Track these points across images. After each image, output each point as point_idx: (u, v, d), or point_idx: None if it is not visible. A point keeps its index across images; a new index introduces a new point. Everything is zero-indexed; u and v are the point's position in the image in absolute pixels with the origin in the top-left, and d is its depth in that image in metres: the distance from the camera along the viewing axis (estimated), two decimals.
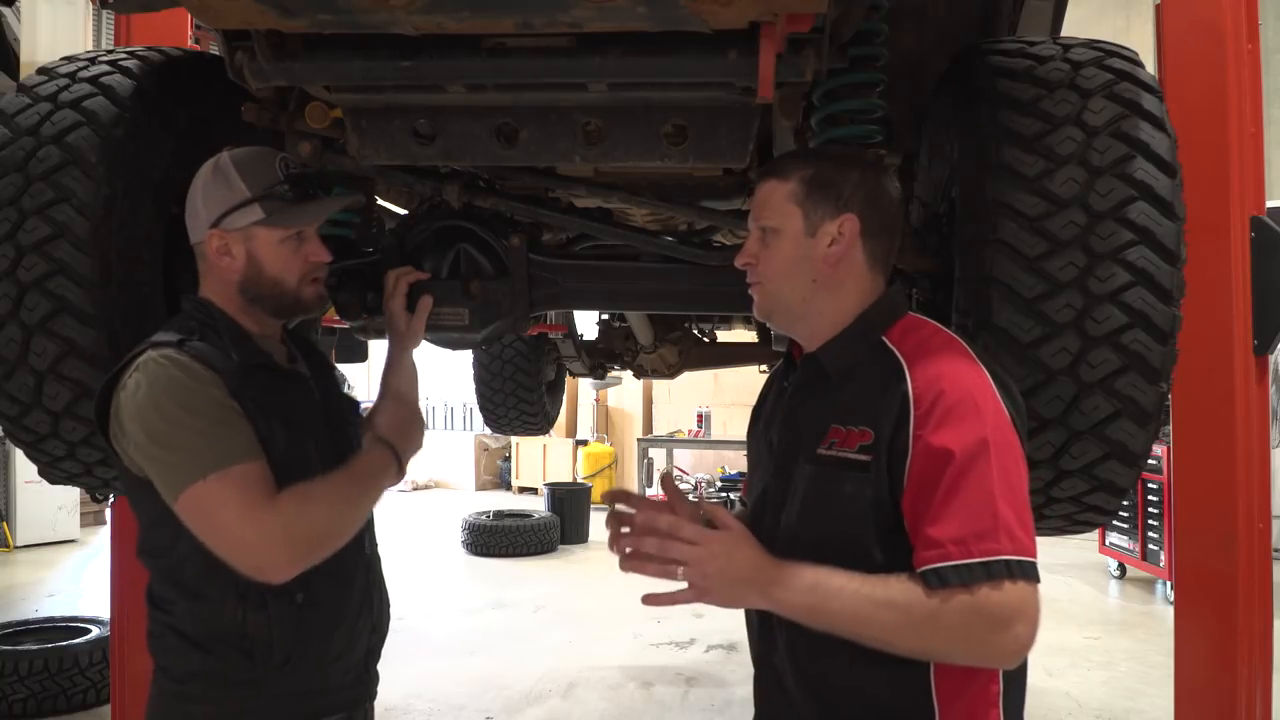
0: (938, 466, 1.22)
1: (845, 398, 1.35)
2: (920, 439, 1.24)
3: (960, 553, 1.18)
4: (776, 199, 1.41)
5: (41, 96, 1.77)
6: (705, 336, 4.48)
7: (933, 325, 1.40)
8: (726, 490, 8.22)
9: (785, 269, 1.41)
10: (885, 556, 1.27)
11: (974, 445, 1.21)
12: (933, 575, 1.19)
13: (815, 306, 1.41)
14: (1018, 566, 1.18)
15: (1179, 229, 1.57)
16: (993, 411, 1.25)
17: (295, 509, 1.43)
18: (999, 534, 1.19)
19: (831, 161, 1.42)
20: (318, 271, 1.64)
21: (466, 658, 5.43)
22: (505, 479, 13.03)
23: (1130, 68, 1.66)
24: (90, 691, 4.33)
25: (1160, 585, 6.72)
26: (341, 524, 1.52)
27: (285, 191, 1.57)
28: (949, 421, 1.23)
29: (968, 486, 1.20)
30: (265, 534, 1.41)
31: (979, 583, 1.17)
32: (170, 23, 2.86)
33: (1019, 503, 1.23)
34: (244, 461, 1.43)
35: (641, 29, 1.38)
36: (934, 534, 1.21)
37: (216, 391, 1.46)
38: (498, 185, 2.15)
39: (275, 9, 1.35)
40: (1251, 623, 2.61)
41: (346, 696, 1.64)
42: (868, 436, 1.29)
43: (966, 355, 1.32)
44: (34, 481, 7.21)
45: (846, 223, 1.37)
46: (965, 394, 1.25)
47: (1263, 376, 2.68)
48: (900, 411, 1.26)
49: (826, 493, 1.33)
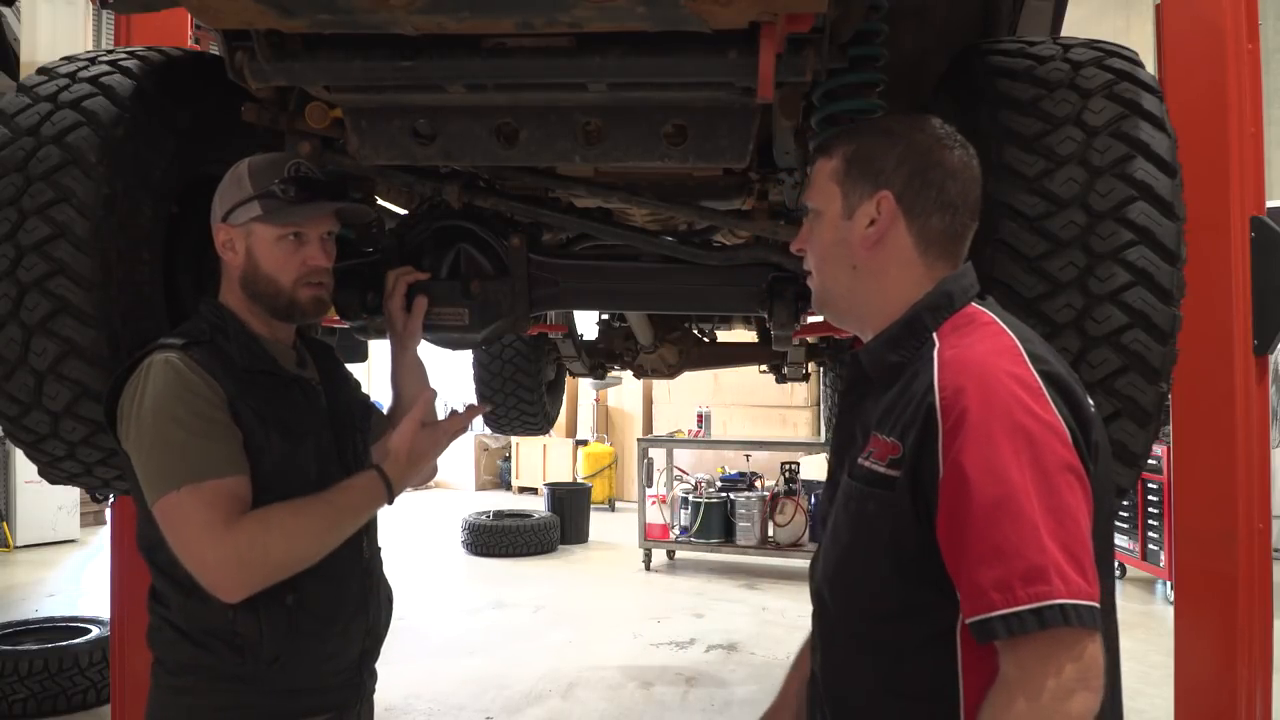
0: (968, 492, 1.05)
1: (886, 403, 1.20)
2: (949, 458, 1.08)
3: (1004, 600, 1.02)
4: (820, 178, 1.30)
5: (41, 96, 1.77)
6: (705, 336, 4.47)
7: (986, 317, 1.21)
8: (727, 490, 8.20)
9: (826, 255, 1.29)
10: (907, 585, 1.14)
11: (1011, 468, 1.04)
12: (978, 628, 1.04)
13: (860, 296, 1.28)
14: (1075, 612, 1.01)
15: (1179, 229, 1.57)
16: (1040, 426, 1.07)
17: (251, 537, 1.44)
18: (1049, 574, 1.01)
19: (877, 134, 1.28)
20: (315, 276, 1.64)
21: (466, 658, 5.43)
22: (505, 479, 13.03)
23: (1130, 68, 1.66)
24: (90, 691, 4.33)
25: (1160, 585, 6.72)
26: (301, 554, 1.50)
27: (283, 190, 1.59)
28: (980, 438, 1.06)
29: (1005, 518, 1.03)
30: (220, 558, 1.43)
31: (1031, 632, 1.01)
32: (170, 23, 2.86)
33: (1071, 535, 1.04)
34: (220, 477, 1.45)
35: (641, 29, 1.38)
36: (973, 577, 1.05)
37: (205, 403, 1.48)
38: (498, 185, 2.15)
39: (275, 9, 1.35)
40: (1251, 623, 2.60)
41: (338, 697, 1.65)
42: (897, 450, 1.14)
43: (1015, 357, 1.13)
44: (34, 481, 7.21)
45: (883, 201, 1.23)
46: (1001, 406, 1.07)
47: (1263, 376, 2.68)
48: (926, 424, 1.10)
49: (854, 510, 1.21)
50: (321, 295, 1.67)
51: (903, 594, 1.15)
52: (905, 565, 1.14)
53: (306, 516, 1.50)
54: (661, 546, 8.18)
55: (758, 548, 7.81)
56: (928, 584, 1.12)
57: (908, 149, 1.24)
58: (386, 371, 2.00)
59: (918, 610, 1.15)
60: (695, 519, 7.96)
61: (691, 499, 8.06)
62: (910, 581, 1.14)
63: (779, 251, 2.05)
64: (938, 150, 1.25)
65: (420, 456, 1.62)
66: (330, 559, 1.55)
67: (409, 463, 1.61)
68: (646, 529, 8.07)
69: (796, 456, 8.51)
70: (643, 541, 8.06)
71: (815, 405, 10.11)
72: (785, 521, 7.71)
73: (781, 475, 8.11)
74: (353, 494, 1.57)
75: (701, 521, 7.93)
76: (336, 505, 1.54)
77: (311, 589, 1.56)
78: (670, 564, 8.23)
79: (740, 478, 8.51)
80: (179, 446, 1.45)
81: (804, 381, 5.85)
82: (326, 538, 1.53)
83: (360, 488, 1.58)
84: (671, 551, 8.32)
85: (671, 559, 8.34)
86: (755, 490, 8.22)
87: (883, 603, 1.18)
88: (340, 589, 1.62)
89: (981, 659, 1.10)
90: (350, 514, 1.56)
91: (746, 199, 2.30)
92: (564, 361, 4.47)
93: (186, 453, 1.45)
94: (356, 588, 1.66)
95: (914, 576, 1.14)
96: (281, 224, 1.60)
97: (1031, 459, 1.05)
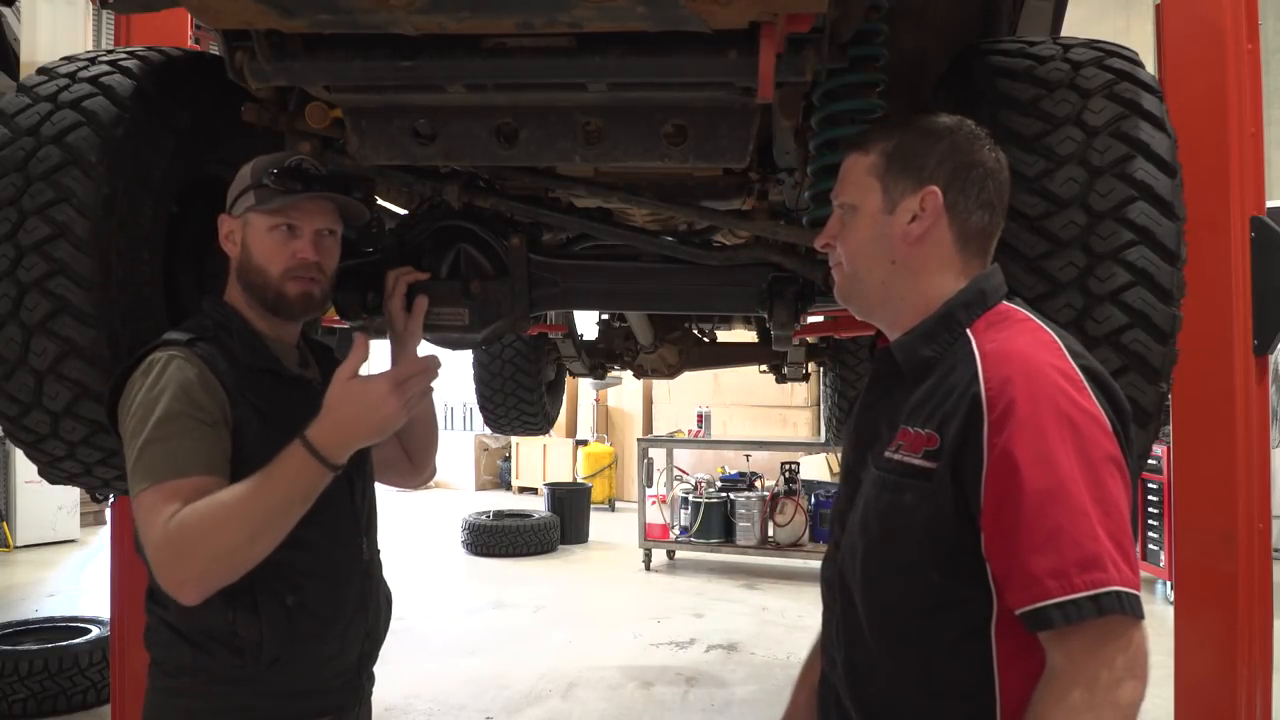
0: (1019, 481, 1.06)
1: (918, 397, 1.21)
2: (996, 447, 1.08)
3: (1061, 588, 1.03)
4: (856, 173, 1.30)
5: (41, 96, 1.77)
6: (705, 336, 4.47)
7: (1021, 314, 1.23)
8: (727, 490, 8.20)
9: (862, 249, 1.28)
10: (943, 578, 1.14)
11: (1060, 457, 1.05)
12: (1031, 617, 1.05)
13: (895, 291, 1.27)
14: (1128, 600, 1.02)
15: (1179, 229, 1.57)
16: (1085, 417, 1.08)
17: (183, 528, 1.38)
18: (1104, 562, 1.02)
19: (918, 131, 1.28)
20: (303, 270, 1.62)
21: (466, 658, 5.43)
22: (505, 479, 13.03)
23: (1130, 68, 1.66)
24: (90, 691, 4.33)
25: (1160, 585, 6.72)
26: (234, 540, 1.40)
27: (276, 180, 1.59)
28: (1030, 428, 1.07)
29: (1057, 506, 1.04)
30: (160, 552, 1.41)
31: (1088, 619, 1.02)
32: (170, 23, 2.86)
33: (1117, 526, 1.05)
34: (190, 475, 1.43)
35: (641, 29, 1.38)
36: (1026, 565, 1.05)
37: (197, 405, 1.47)
38: (498, 185, 2.15)
39: (275, 9, 1.35)
40: (1251, 623, 2.60)
41: (337, 699, 1.65)
42: (934, 441, 1.14)
43: (1056, 351, 1.14)
44: (34, 481, 7.22)
45: (929, 197, 1.23)
46: (1048, 397, 1.08)
47: (1263, 376, 2.68)
48: (970, 415, 1.11)
49: (886, 502, 1.20)
50: (311, 291, 1.63)
51: (937, 587, 1.15)
52: (941, 557, 1.14)
53: (225, 505, 1.40)
54: (661, 546, 8.18)
55: (758, 548, 7.82)
56: (963, 577, 1.12)
57: (950, 147, 1.26)
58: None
59: (952, 604, 1.15)
60: (695, 519, 7.96)
61: (691, 499, 8.06)
62: (946, 573, 1.14)
63: (779, 251, 2.05)
64: (979, 149, 1.27)
65: (348, 409, 1.44)
66: (330, 560, 1.55)
67: (334, 421, 1.44)
68: (646, 529, 8.07)
69: (796, 456, 8.52)
70: (643, 541, 8.06)
71: (815, 405, 10.11)
72: (785, 521, 7.71)
73: (781, 475, 8.12)
74: (279, 467, 1.42)
75: (701, 521, 7.94)
76: (255, 485, 1.41)
77: (312, 590, 1.56)
78: (670, 564, 8.24)
79: (740, 478, 8.52)
80: (161, 444, 1.44)
81: (804, 381, 5.85)
82: (250, 522, 1.39)
83: (284, 458, 1.43)
84: (671, 551, 8.32)
85: (671, 559, 8.34)
86: (755, 490, 8.23)
87: (916, 597, 1.17)
88: (340, 590, 1.62)
89: (1018, 654, 1.10)
90: (270, 489, 1.41)
91: (746, 199, 2.30)
92: (564, 361, 4.47)
93: (165, 451, 1.44)
94: (357, 589, 1.66)
95: (949, 569, 1.13)
96: (272, 212, 1.59)
97: (1078, 449, 1.06)
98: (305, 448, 1.43)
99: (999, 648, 1.12)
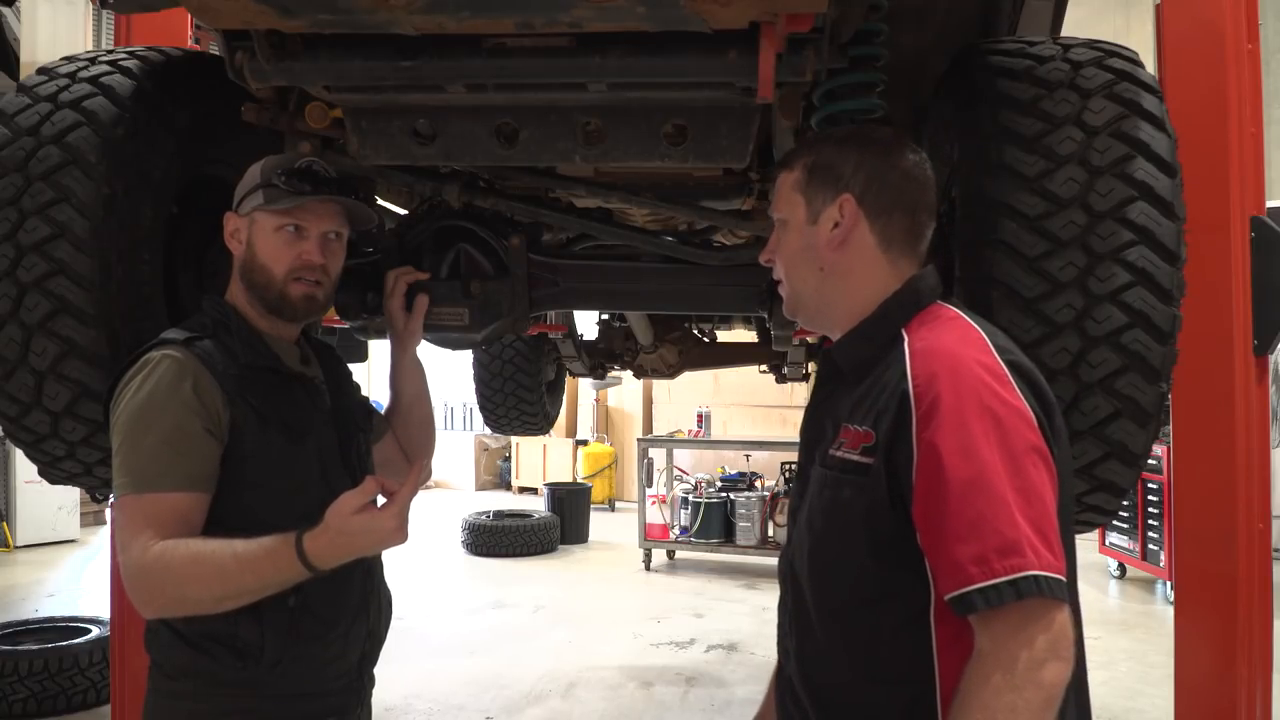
0: (942, 473, 1.10)
1: (857, 395, 1.26)
2: (924, 441, 1.13)
3: (982, 573, 1.06)
4: (784, 189, 1.36)
5: (41, 96, 1.77)
6: (705, 336, 4.48)
7: (952, 312, 1.28)
8: (727, 490, 8.20)
9: (794, 260, 1.35)
10: (883, 569, 1.18)
11: (983, 448, 1.10)
12: (957, 602, 1.09)
13: (829, 297, 1.33)
14: (1047, 583, 1.06)
15: (1179, 229, 1.57)
16: (1007, 410, 1.13)
17: (154, 566, 1.41)
18: (1023, 547, 1.06)
19: (834, 143, 1.35)
20: (308, 272, 1.62)
21: (466, 658, 5.43)
22: (505, 479, 13.03)
23: (1130, 68, 1.66)
24: (90, 691, 4.33)
25: (1160, 585, 6.72)
26: (194, 598, 1.42)
27: (286, 181, 1.59)
28: (953, 422, 1.11)
29: (979, 495, 1.08)
30: (131, 572, 1.44)
31: (1008, 603, 1.05)
32: (170, 23, 2.86)
33: (1038, 513, 1.10)
34: (170, 491, 1.44)
35: (641, 29, 1.38)
36: (951, 553, 1.09)
37: (188, 412, 1.47)
38: (498, 185, 2.15)
39: (275, 9, 1.35)
40: (1251, 623, 2.61)
41: (338, 701, 1.65)
42: (870, 438, 1.19)
43: (982, 346, 1.19)
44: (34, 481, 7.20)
45: (845, 204, 1.29)
46: (972, 391, 1.13)
47: (1263, 376, 2.68)
48: (900, 411, 1.16)
49: (828, 498, 1.25)
50: (315, 294, 1.64)
51: (878, 578, 1.19)
52: (880, 549, 1.18)
53: (205, 565, 1.41)
54: (661, 546, 8.18)
55: (758, 548, 7.82)
56: (902, 566, 1.17)
57: (864, 154, 1.31)
58: (386, 371, 1.99)
59: (893, 593, 1.19)
60: (695, 519, 7.97)
61: (691, 499, 8.06)
62: (886, 564, 1.18)
63: None
64: (895, 153, 1.32)
65: (350, 537, 1.42)
66: None
67: (334, 539, 1.42)
68: (646, 529, 8.07)
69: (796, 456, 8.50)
70: (643, 541, 8.06)
71: None
72: (785, 522, 7.70)
73: (781, 475, 8.12)
74: (258, 550, 1.42)
75: (701, 521, 7.94)
76: (239, 559, 1.41)
77: (314, 591, 1.54)
78: (670, 564, 8.24)
79: (740, 478, 8.52)
80: (145, 450, 1.45)
81: (804, 381, 5.84)
82: (222, 588, 1.41)
83: (268, 547, 1.42)
84: (671, 551, 8.32)
85: (671, 559, 8.34)
86: (755, 490, 8.23)
87: (859, 588, 1.22)
88: (342, 591, 1.62)
89: (955, 639, 1.14)
90: (251, 571, 1.41)
91: (746, 199, 2.30)
92: (564, 361, 4.48)
93: (149, 458, 1.45)
94: (358, 591, 1.65)
95: (889, 560, 1.18)
96: (280, 212, 1.59)
97: (1000, 440, 1.11)
98: (297, 553, 1.41)
99: (938, 633, 1.16)
